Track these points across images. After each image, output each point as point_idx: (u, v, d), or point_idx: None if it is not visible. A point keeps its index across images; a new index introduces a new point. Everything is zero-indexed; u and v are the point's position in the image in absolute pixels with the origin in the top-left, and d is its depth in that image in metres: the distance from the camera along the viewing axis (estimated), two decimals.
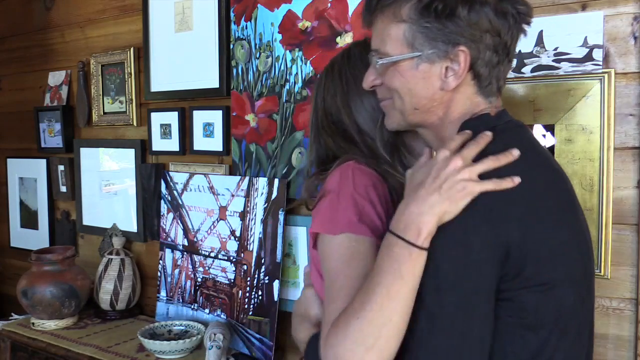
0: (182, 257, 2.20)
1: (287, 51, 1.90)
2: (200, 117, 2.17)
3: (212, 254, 2.10)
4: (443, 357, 0.81)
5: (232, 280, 2.02)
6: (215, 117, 2.12)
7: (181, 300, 2.20)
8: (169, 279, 2.23)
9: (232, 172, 2.09)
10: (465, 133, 0.90)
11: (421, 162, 0.92)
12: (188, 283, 2.17)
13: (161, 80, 2.28)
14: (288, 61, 1.91)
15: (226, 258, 2.05)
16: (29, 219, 2.91)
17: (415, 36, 0.91)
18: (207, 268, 2.11)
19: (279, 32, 1.92)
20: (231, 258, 2.03)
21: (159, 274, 2.27)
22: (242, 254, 2.00)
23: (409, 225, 0.84)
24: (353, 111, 1.11)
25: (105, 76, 2.50)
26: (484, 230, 0.81)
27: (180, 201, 2.20)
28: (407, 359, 0.84)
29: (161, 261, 2.26)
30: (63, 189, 2.72)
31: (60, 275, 2.23)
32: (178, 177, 2.22)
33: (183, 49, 2.20)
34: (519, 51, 1.46)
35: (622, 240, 1.41)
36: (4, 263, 3.06)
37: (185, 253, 2.19)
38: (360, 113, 1.11)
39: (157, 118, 2.31)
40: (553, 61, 1.46)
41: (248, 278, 1.97)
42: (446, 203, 0.83)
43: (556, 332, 0.85)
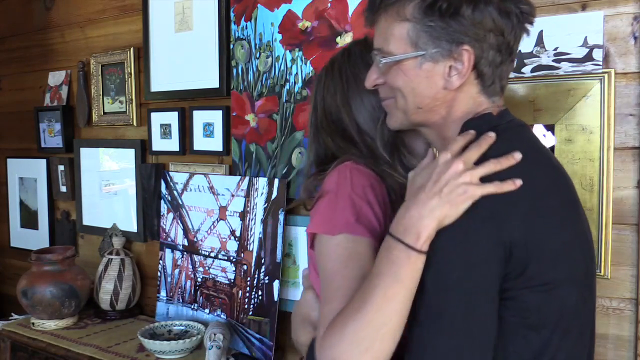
0: (182, 257, 2.20)
1: (287, 51, 1.90)
2: (200, 117, 2.17)
3: (212, 254, 2.09)
4: (447, 357, 0.81)
5: (232, 280, 2.02)
6: (215, 117, 2.12)
7: (181, 300, 2.19)
8: (169, 279, 2.23)
9: (232, 172, 2.09)
10: (468, 133, 0.89)
11: (423, 164, 0.91)
12: (188, 283, 2.17)
13: (161, 80, 2.28)
14: (288, 61, 1.91)
15: (226, 258, 2.05)
16: (29, 219, 2.91)
17: (419, 35, 0.90)
18: (207, 268, 2.11)
19: (279, 32, 1.92)
20: (231, 258, 2.03)
21: (159, 274, 2.27)
22: (242, 254, 2.00)
23: (409, 228, 0.84)
24: (353, 110, 1.11)
25: (105, 76, 2.50)
26: (487, 229, 0.81)
27: (180, 201, 2.20)
28: None
29: (161, 261, 2.26)
30: (63, 189, 2.72)
31: (60, 275, 2.23)
32: (178, 177, 2.22)
33: (183, 49, 2.20)
34: (519, 51, 1.46)
35: (622, 240, 1.41)
36: (4, 263, 3.06)
37: (185, 253, 2.19)
38: (360, 112, 1.11)
39: (157, 118, 2.31)
40: (553, 61, 1.46)
41: (248, 278, 1.97)
42: (446, 207, 0.82)
43: (558, 332, 0.85)
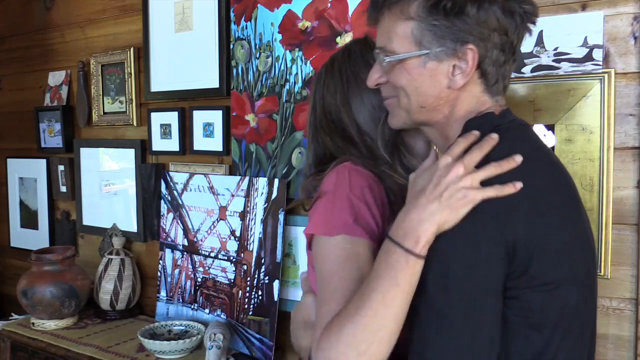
0: (182, 257, 2.20)
1: (287, 51, 1.90)
2: (200, 117, 2.17)
3: (212, 254, 2.09)
4: (452, 357, 0.81)
5: (232, 280, 2.02)
6: (215, 117, 2.12)
7: (181, 300, 2.19)
8: (169, 279, 2.23)
9: (232, 172, 2.09)
10: (471, 134, 0.89)
11: (425, 166, 0.91)
12: (188, 283, 2.17)
13: (161, 80, 2.28)
14: (288, 61, 1.91)
15: (226, 258, 2.05)
16: (29, 219, 2.91)
17: (423, 34, 0.90)
18: (207, 268, 2.11)
19: (279, 32, 1.92)
20: (231, 258, 2.03)
21: (159, 274, 2.27)
22: (242, 254, 2.00)
23: (408, 232, 0.84)
24: (353, 109, 1.10)
25: (105, 76, 2.50)
26: (490, 228, 0.81)
27: (180, 201, 2.20)
28: None
29: (161, 261, 2.26)
30: (63, 189, 2.72)
31: (60, 275, 2.23)
32: (178, 177, 2.22)
33: (183, 49, 2.20)
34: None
35: (622, 240, 1.41)
36: (4, 263, 3.06)
37: (185, 253, 2.19)
38: (360, 111, 1.10)
39: (157, 118, 2.31)
40: (553, 61, 1.46)
41: (248, 278, 1.97)
42: (446, 211, 0.82)
43: (559, 332, 0.85)
